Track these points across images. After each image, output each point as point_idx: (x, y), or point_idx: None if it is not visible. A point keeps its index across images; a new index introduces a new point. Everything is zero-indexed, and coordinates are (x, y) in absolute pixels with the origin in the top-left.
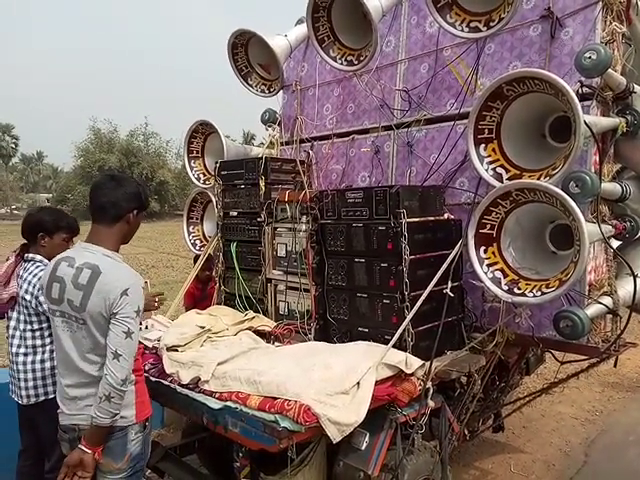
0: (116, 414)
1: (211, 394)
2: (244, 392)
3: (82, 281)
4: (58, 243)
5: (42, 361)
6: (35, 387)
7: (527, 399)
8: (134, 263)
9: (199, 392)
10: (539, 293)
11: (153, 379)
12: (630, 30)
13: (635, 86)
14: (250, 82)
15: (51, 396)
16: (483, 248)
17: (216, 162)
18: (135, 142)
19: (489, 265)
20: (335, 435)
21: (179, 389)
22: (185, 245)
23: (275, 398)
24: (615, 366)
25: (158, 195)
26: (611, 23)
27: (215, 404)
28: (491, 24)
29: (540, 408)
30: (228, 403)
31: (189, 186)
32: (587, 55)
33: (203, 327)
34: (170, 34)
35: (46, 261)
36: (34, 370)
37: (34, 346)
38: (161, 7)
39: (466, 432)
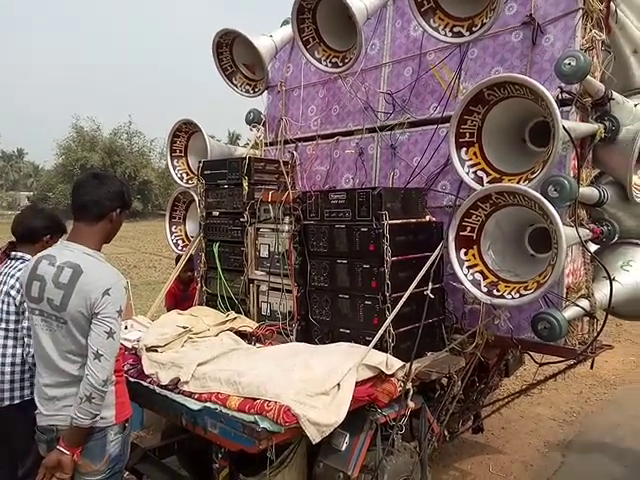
0: (96, 415)
1: (190, 395)
2: (224, 393)
3: (63, 280)
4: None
5: (12, 364)
6: (11, 389)
7: (506, 400)
8: (116, 263)
9: (178, 393)
10: (517, 295)
11: (132, 380)
12: (609, 38)
13: (614, 93)
14: (235, 82)
15: (27, 398)
16: (463, 250)
17: (199, 162)
18: (118, 141)
19: (469, 267)
20: (315, 436)
21: (158, 390)
22: (168, 245)
23: (255, 399)
24: (592, 368)
25: (141, 194)
26: (591, 30)
27: (194, 405)
28: (474, 29)
29: (519, 409)
30: (207, 404)
31: (173, 185)
32: (567, 62)
33: (184, 327)
34: (155, 33)
35: None
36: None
37: (4, 346)
38: (145, 7)
39: (446, 433)
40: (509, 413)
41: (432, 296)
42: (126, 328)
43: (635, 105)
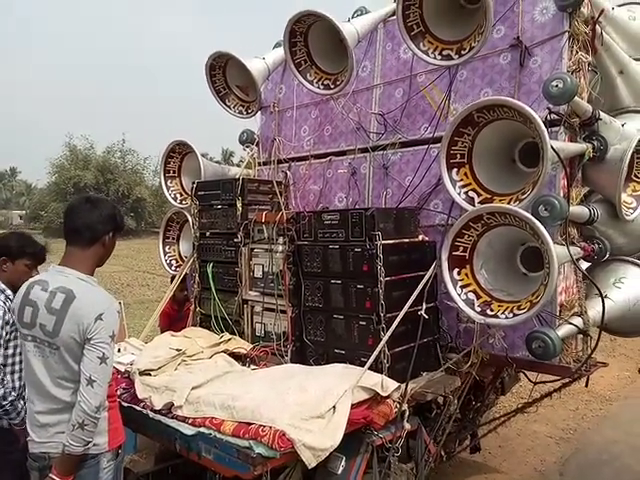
0: (89, 442)
1: (184, 420)
2: (218, 417)
3: (55, 305)
4: (20, 269)
5: None
6: None
7: (502, 419)
8: (109, 282)
9: (172, 418)
10: (511, 315)
11: (125, 404)
12: (596, 59)
13: (601, 113)
14: (228, 103)
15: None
16: (456, 270)
17: (193, 182)
18: (112, 159)
19: (462, 287)
20: (310, 460)
21: (152, 415)
22: (162, 264)
23: (250, 423)
24: (586, 386)
25: (134, 212)
26: (577, 53)
27: (188, 430)
28: (462, 52)
29: (516, 427)
30: (202, 429)
31: (166, 204)
32: (554, 83)
33: (178, 350)
34: (153, 50)
35: (3, 286)
36: None
37: None
38: (127, 24)
39: (443, 453)
40: (506, 431)
41: (426, 316)
42: (119, 351)
43: (622, 125)
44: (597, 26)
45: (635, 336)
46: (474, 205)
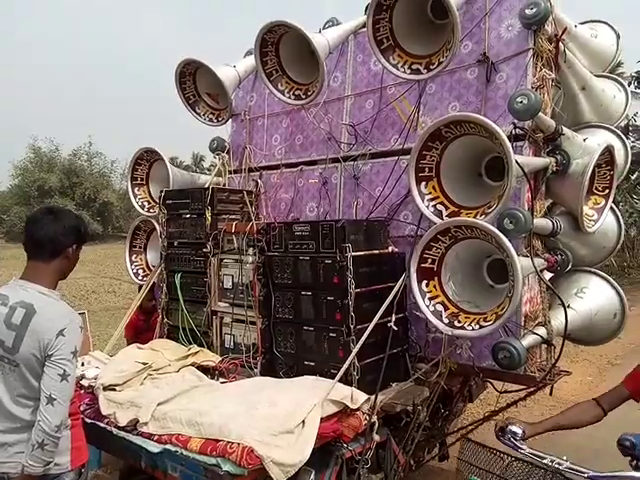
0: (49, 462)
1: (150, 437)
2: (185, 434)
3: (15, 321)
4: None
5: None
6: None
7: (470, 427)
8: (74, 288)
9: (137, 434)
10: (477, 326)
11: (88, 421)
12: (559, 75)
13: (564, 128)
14: (198, 111)
15: None
16: (425, 282)
17: (161, 191)
18: (78, 162)
19: (431, 298)
20: (279, 477)
21: (116, 431)
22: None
23: (217, 440)
24: (551, 394)
25: (101, 216)
26: (541, 69)
27: (154, 447)
28: (431, 67)
29: (482, 433)
30: (168, 446)
31: (134, 208)
32: (519, 100)
33: (144, 363)
34: (122, 48)
35: None
36: None
37: None
38: (113, 24)
39: (412, 462)
40: (473, 438)
41: (396, 328)
42: (82, 365)
43: (584, 139)
44: (560, 44)
45: (597, 344)
46: (442, 218)
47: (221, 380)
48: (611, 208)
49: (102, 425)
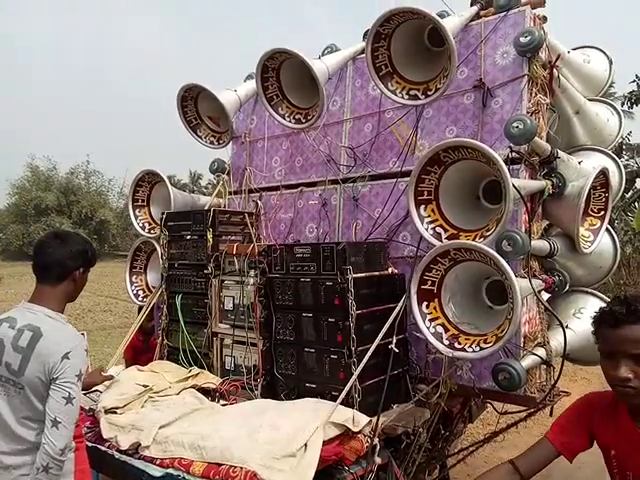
0: None
1: (152, 460)
2: (187, 458)
3: (22, 344)
4: None
5: None
6: None
7: (471, 449)
8: (70, 307)
9: (139, 458)
10: (478, 348)
11: (89, 444)
12: (553, 100)
13: (559, 151)
14: (199, 133)
15: None
16: (425, 303)
17: (162, 213)
18: (75, 180)
19: (431, 320)
20: None
21: (117, 455)
22: (125, 288)
23: (220, 464)
24: (551, 415)
25: (98, 235)
26: (536, 95)
27: (156, 471)
28: (429, 93)
29: (483, 454)
30: (170, 470)
31: (131, 226)
32: (515, 124)
33: (145, 386)
34: (122, 65)
35: None
36: None
37: None
38: (99, 40)
39: None
40: (473, 460)
41: (397, 350)
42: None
43: (579, 162)
44: (554, 70)
45: (594, 365)
46: (441, 241)
47: (222, 402)
48: (607, 229)
49: (103, 448)
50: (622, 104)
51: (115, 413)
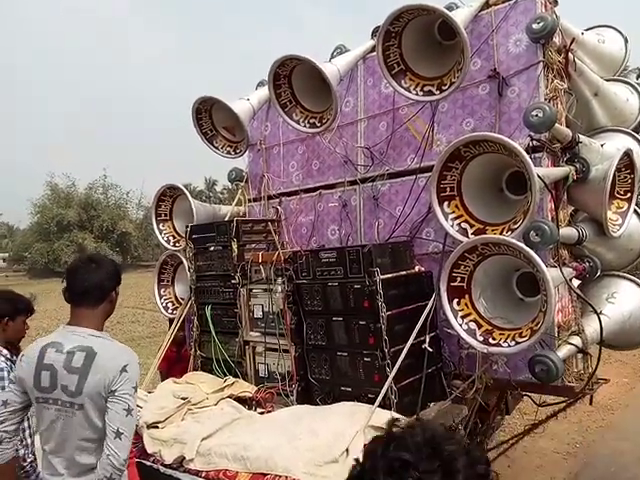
0: None
1: (197, 473)
2: (232, 469)
3: (76, 364)
4: (19, 327)
5: None
6: None
7: (511, 442)
8: None
9: (184, 471)
10: (513, 343)
11: (135, 459)
12: (570, 84)
13: (581, 136)
14: (216, 144)
15: None
16: (456, 300)
17: (187, 226)
18: (94, 195)
19: (463, 317)
20: None
21: (162, 469)
22: (150, 298)
23: (265, 474)
24: (591, 403)
25: (119, 247)
26: (553, 81)
27: None
28: (443, 87)
29: (522, 444)
30: None
31: (152, 236)
32: (534, 113)
33: (183, 399)
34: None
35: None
36: None
37: None
38: (98, 56)
39: None
40: (513, 450)
41: (430, 349)
42: None
43: (602, 145)
44: (569, 53)
45: (632, 349)
46: (467, 236)
47: (259, 410)
48: (634, 210)
49: (148, 464)
50: (637, 77)
51: (157, 428)
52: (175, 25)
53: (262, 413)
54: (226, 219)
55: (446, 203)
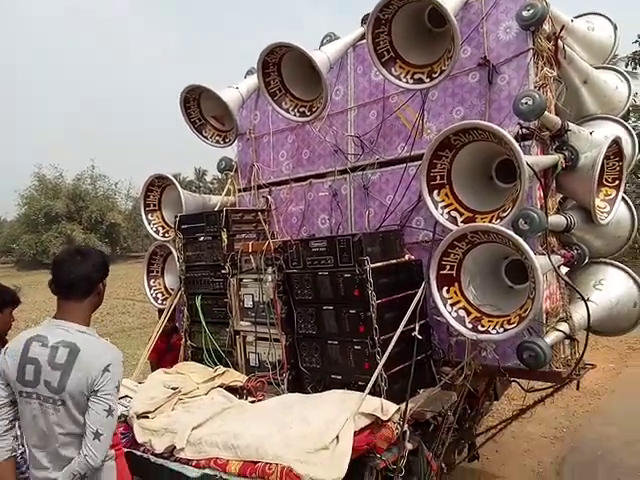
0: None
1: (188, 462)
2: (222, 457)
3: (59, 360)
4: (6, 319)
5: None
6: None
7: (499, 427)
8: None
9: (175, 461)
10: (501, 329)
11: (125, 449)
12: (560, 71)
13: (570, 124)
14: (205, 134)
15: None
16: (445, 288)
17: (176, 216)
18: (82, 186)
19: (452, 304)
20: None
21: (153, 459)
22: (140, 289)
23: (255, 462)
24: (578, 389)
25: (109, 238)
26: (542, 68)
27: (193, 473)
28: (433, 75)
29: (510, 429)
30: (207, 470)
31: (141, 227)
32: (524, 101)
33: (173, 389)
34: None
35: None
36: None
37: None
38: (97, 56)
39: (444, 466)
40: (501, 435)
41: (420, 337)
42: None
43: (591, 133)
44: (559, 41)
45: (620, 334)
46: (457, 224)
47: (250, 399)
48: (622, 198)
49: (139, 453)
50: (626, 65)
51: (147, 418)
52: (175, 25)
53: (253, 402)
54: (216, 209)
55: (436, 192)
